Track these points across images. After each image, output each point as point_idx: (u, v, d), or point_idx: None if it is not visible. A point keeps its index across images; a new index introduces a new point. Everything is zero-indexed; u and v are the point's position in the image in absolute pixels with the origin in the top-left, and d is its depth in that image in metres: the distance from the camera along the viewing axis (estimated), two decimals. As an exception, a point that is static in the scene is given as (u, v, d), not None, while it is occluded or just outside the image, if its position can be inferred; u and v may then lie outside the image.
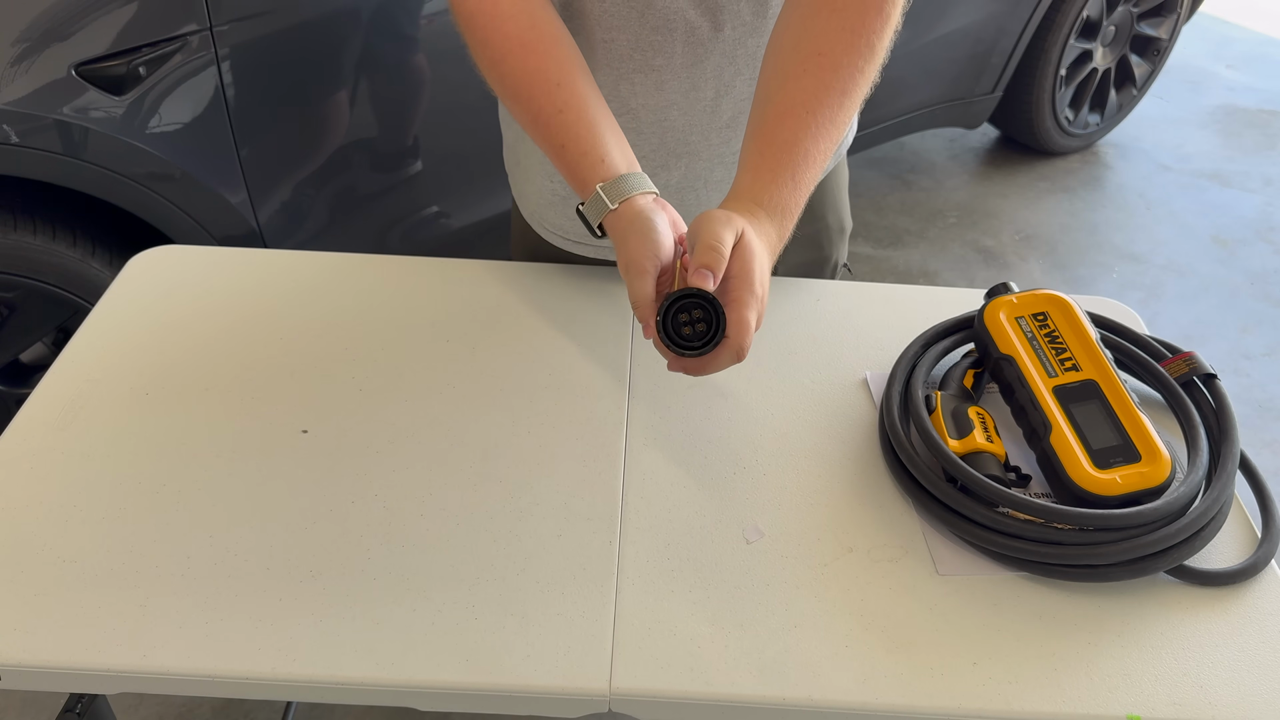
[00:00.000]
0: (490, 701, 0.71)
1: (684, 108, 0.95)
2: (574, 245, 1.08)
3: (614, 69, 0.93)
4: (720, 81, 0.94)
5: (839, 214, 1.16)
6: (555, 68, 0.84)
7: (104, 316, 1.02)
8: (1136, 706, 0.70)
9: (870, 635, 0.74)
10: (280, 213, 1.68)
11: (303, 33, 1.57)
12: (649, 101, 0.94)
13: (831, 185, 1.13)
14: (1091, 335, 0.89)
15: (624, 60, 0.92)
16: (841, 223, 1.17)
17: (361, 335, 1.00)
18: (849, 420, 0.93)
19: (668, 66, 0.92)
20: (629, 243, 0.78)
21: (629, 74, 0.93)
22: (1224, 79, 3.66)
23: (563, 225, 1.08)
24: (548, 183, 1.05)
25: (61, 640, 0.72)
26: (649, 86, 0.93)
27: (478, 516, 0.82)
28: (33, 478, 0.84)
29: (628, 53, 0.91)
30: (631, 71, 0.93)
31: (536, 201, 1.09)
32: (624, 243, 0.79)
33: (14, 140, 1.38)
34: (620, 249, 0.79)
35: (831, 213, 1.14)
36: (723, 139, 0.99)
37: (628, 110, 0.95)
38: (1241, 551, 0.82)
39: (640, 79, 0.93)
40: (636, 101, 0.95)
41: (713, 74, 0.93)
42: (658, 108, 0.95)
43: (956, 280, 2.60)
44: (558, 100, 0.83)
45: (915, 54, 2.46)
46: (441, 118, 1.78)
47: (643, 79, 0.93)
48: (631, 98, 0.94)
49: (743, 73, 0.94)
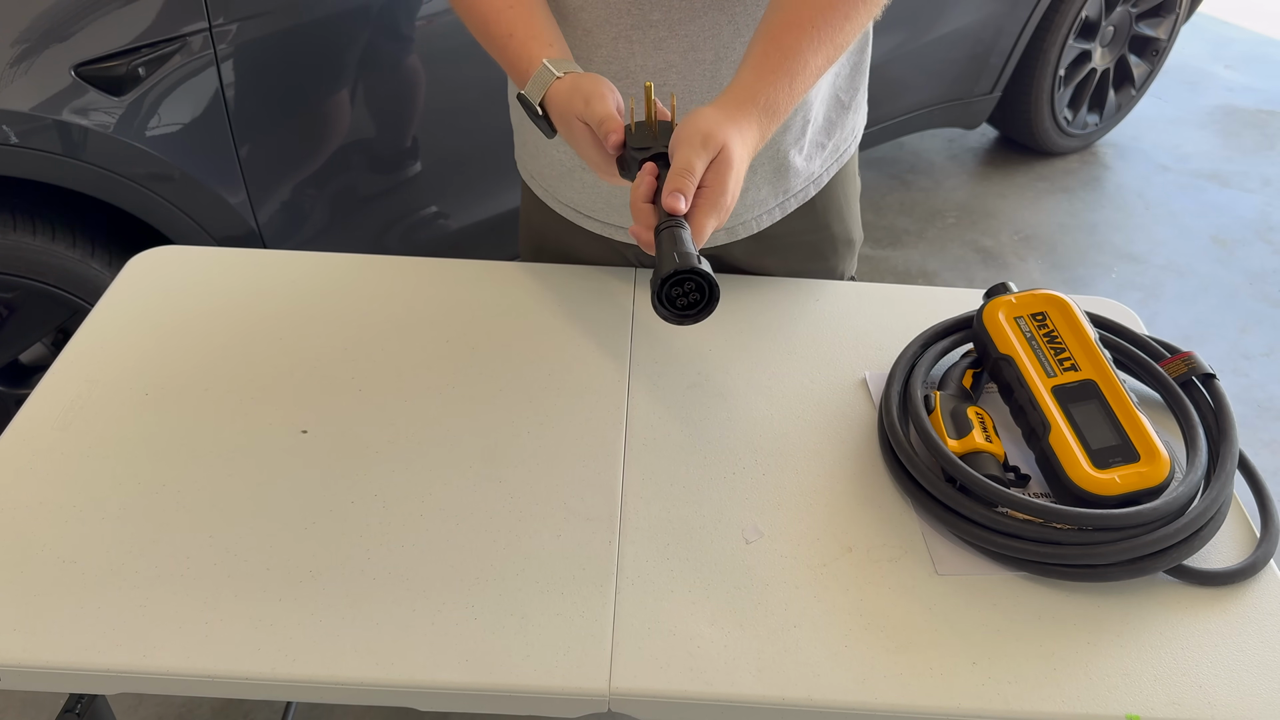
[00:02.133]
0: (490, 701, 0.71)
1: (682, 70, 0.95)
2: (584, 219, 1.09)
3: (612, 26, 0.93)
4: (719, 42, 0.93)
5: (845, 224, 1.14)
6: None
7: (104, 317, 1.02)
8: (1136, 706, 0.71)
9: (870, 635, 0.74)
10: (280, 213, 1.68)
11: (302, 33, 1.57)
12: (647, 63, 0.94)
13: (836, 192, 1.11)
14: (1090, 335, 0.90)
15: (621, 16, 0.92)
16: (848, 234, 1.15)
17: (361, 335, 1.00)
18: (848, 420, 0.93)
19: (665, 21, 0.92)
20: (582, 83, 0.84)
21: (626, 31, 0.93)
22: (1223, 79, 3.66)
23: (574, 198, 1.08)
24: (556, 153, 1.06)
25: (61, 640, 0.72)
26: (647, 45, 0.93)
27: (478, 516, 0.82)
28: (33, 478, 0.84)
29: (625, 7, 0.92)
30: (629, 29, 0.93)
31: (548, 176, 1.10)
32: (576, 86, 0.84)
33: (14, 141, 1.38)
34: (573, 94, 0.84)
35: (836, 221, 1.13)
36: None
37: (626, 73, 0.95)
38: (1240, 551, 0.82)
39: (638, 36, 0.93)
40: (635, 63, 0.94)
41: (710, 32, 0.93)
42: (656, 69, 0.94)
43: (955, 280, 2.60)
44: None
45: (914, 54, 2.46)
46: (441, 118, 1.78)
47: (640, 36, 0.93)
48: (630, 58, 0.94)
49: (742, 33, 0.93)
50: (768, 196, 1.06)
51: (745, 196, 1.04)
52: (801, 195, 1.08)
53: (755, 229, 1.08)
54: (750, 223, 1.07)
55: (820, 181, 1.08)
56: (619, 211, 1.06)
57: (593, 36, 0.94)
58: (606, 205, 1.06)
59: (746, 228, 1.07)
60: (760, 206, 1.06)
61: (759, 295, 1.08)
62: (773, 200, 1.06)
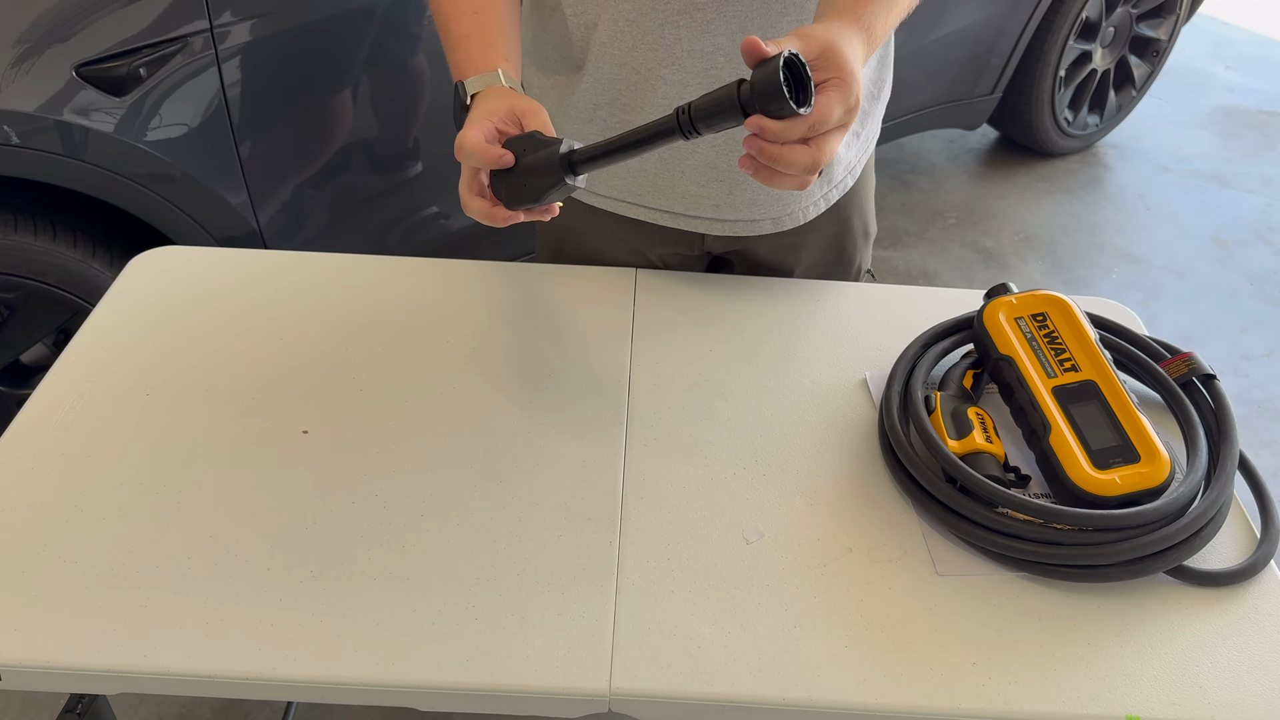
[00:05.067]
0: (490, 702, 0.71)
1: (729, 52, 0.93)
2: (583, 194, 1.07)
3: (658, 12, 0.92)
4: (766, 21, 0.92)
5: (864, 218, 1.15)
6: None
7: (105, 317, 1.02)
8: (1136, 707, 0.71)
9: (870, 635, 0.74)
10: (281, 213, 1.68)
11: (303, 33, 1.57)
12: (694, 47, 0.93)
13: (860, 189, 1.12)
14: (1091, 336, 0.90)
15: (668, 1, 0.91)
16: (867, 227, 1.16)
17: (361, 335, 1.00)
18: (849, 420, 0.93)
19: (711, 4, 0.91)
20: (493, 93, 0.84)
21: (673, 16, 0.91)
22: (1223, 80, 3.66)
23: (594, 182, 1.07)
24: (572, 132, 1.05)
25: (61, 640, 0.72)
26: (694, 30, 0.92)
27: (478, 516, 0.82)
28: (33, 478, 0.84)
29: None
30: (676, 14, 0.91)
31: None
32: (490, 94, 0.85)
33: (14, 141, 1.38)
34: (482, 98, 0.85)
35: (857, 216, 1.13)
36: None
37: (673, 59, 0.94)
38: (1241, 552, 0.82)
39: (685, 20, 0.92)
40: (681, 48, 0.93)
41: (759, 10, 0.91)
42: (704, 53, 0.93)
43: (956, 281, 2.60)
44: (476, 3, 0.91)
45: (915, 55, 2.45)
46: (442, 118, 1.78)
47: (687, 20, 0.92)
48: (677, 44, 0.93)
49: (789, 11, 0.92)
50: (814, 187, 1.05)
51: None
52: (841, 186, 1.08)
53: (801, 220, 1.07)
54: (797, 213, 1.06)
55: (855, 172, 1.08)
56: (648, 190, 1.05)
57: (638, 25, 0.93)
58: (637, 184, 1.05)
59: (793, 218, 1.06)
60: (808, 197, 1.06)
61: (759, 295, 1.08)
62: (818, 191, 1.06)
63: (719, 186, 1.03)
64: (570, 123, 1.03)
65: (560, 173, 0.77)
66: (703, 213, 1.05)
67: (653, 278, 1.09)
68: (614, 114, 1.00)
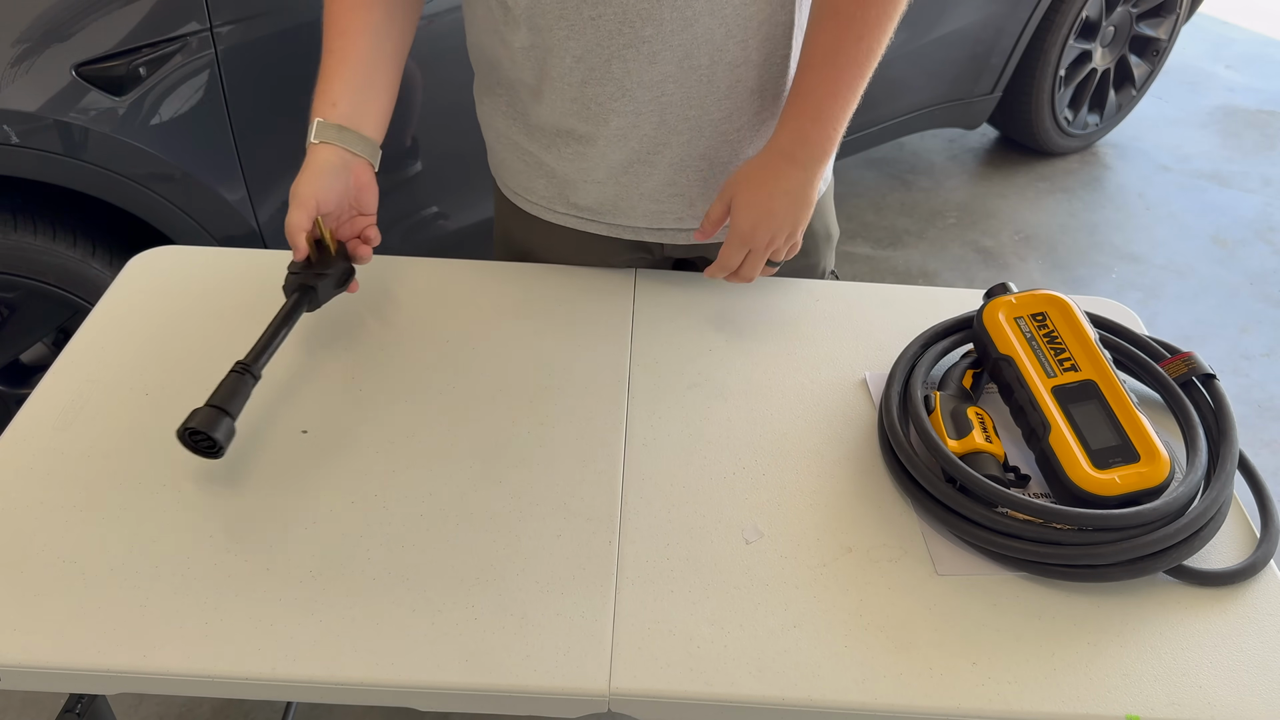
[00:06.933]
0: (490, 702, 0.71)
1: (679, 79, 0.94)
2: (544, 211, 1.09)
3: (604, 48, 0.92)
4: (712, 45, 0.93)
5: (825, 221, 1.16)
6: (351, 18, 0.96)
7: (104, 317, 1.02)
8: (1136, 706, 0.71)
9: (869, 635, 0.74)
10: (280, 213, 1.67)
11: (303, 33, 1.57)
12: (644, 78, 0.94)
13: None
14: (1090, 335, 0.89)
15: (613, 37, 0.92)
16: (828, 230, 1.17)
17: (361, 335, 1.00)
18: (848, 420, 0.93)
19: (658, 35, 0.91)
20: (304, 175, 0.93)
21: (620, 50, 0.92)
22: (1223, 79, 3.66)
23: (529, 188, 1.09)
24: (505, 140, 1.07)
25: (61, 640, 0.72)
26: (642, 61, 0.93)
27: (478, 516, 0.82)
28: (33, 478, 0.84)
29: (616, 27, 0.91)
30: (623, 48, 0.92)
31: (507, 169, 1.11)
32: (303, 172, 0.93)
33: (14, 140, 1.38)
34: (299, 175, 0.93)
35: (818, 219, 1.13)
36: (723, 111, 0.98)
37: (623, 92, 0.95)
38: (1240, 552, 0.82)
39: (631, 54, 0.92)
40: (631, 80, 0.94)
41: (704, 37, 0.92)
42: (653, 83, 0.94)
43: (955, 280, 2.60)
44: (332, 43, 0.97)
45: (914, 54, 2.45)
46: (441, 119, 1.78)
47: (634, 54, 0.92)
48: (625, 76, 0.94)
49: (734, 34, 0.93)
50: None
51: None
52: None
53: None
54: None
55: (827, 179, 1.09)
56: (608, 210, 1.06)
57: (585, 62, 0.93)
58: (598, 205, 1.06)
59: None
60: None
61: (759, 295, 1.08)
62: None
63: (679, 201, 1.04)
64: (532, 148, 1.05)
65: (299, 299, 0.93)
66: (665, 224, 1.07)
67: (653, 278, 1.09)
68: (570, 144, 1.01)
